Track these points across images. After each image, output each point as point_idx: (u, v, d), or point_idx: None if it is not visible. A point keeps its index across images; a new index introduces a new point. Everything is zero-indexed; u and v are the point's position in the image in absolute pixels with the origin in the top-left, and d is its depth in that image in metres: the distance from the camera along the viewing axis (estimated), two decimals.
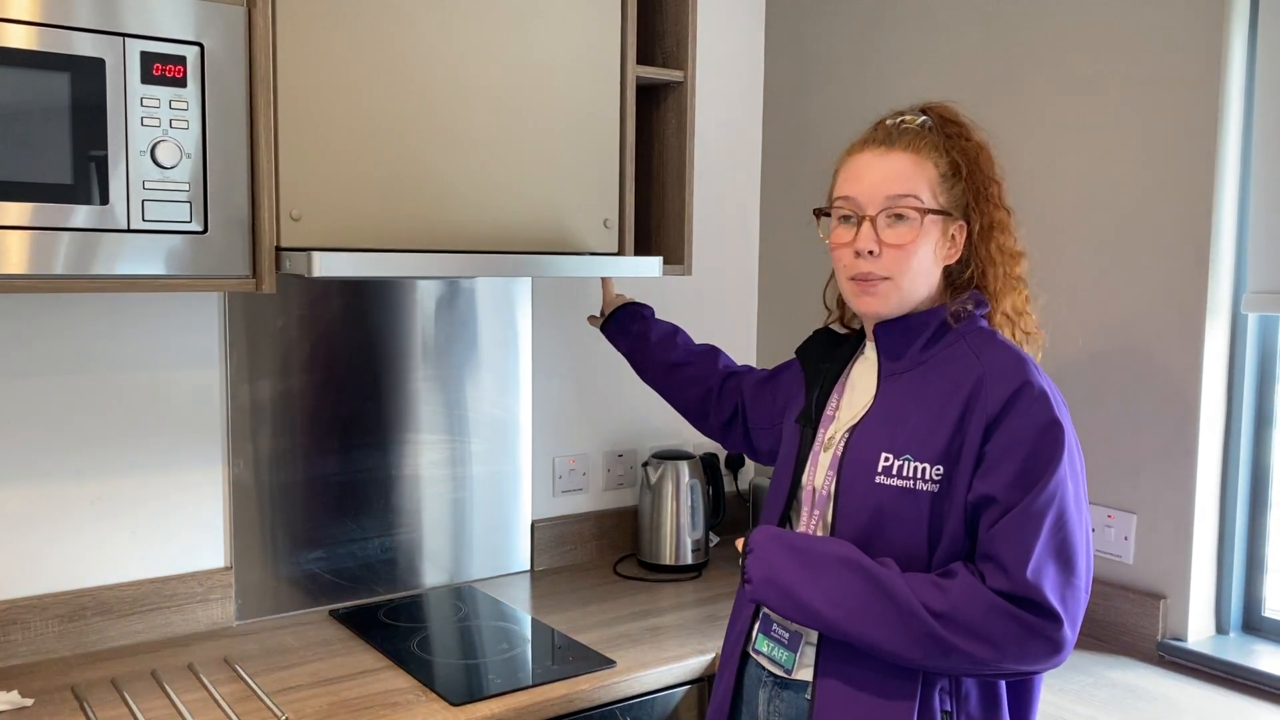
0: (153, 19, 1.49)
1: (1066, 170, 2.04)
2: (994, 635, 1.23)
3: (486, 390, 2.26)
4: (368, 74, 1.69)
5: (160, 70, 1.50)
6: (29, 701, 1.63)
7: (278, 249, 1.63)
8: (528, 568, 2.35)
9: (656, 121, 2.13)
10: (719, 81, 2.58)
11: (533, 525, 2.35)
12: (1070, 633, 1.25)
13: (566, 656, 1.84)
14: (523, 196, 1.86)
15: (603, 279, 2.02)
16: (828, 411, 1.47)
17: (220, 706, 1.62)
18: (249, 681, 1.71)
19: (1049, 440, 1.27)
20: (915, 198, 1.34)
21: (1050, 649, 1.24)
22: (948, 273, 1.41)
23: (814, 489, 1.42)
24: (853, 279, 1.39)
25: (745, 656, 1.49)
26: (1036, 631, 1.23)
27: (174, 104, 1.51)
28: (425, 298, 2.17)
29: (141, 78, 1.48)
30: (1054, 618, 1.23)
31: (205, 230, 1.55)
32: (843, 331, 1.56)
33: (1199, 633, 1.92)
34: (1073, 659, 1.90)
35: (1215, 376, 1.88)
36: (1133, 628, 1.95)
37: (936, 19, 2.26)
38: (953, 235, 1.38)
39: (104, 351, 1.84)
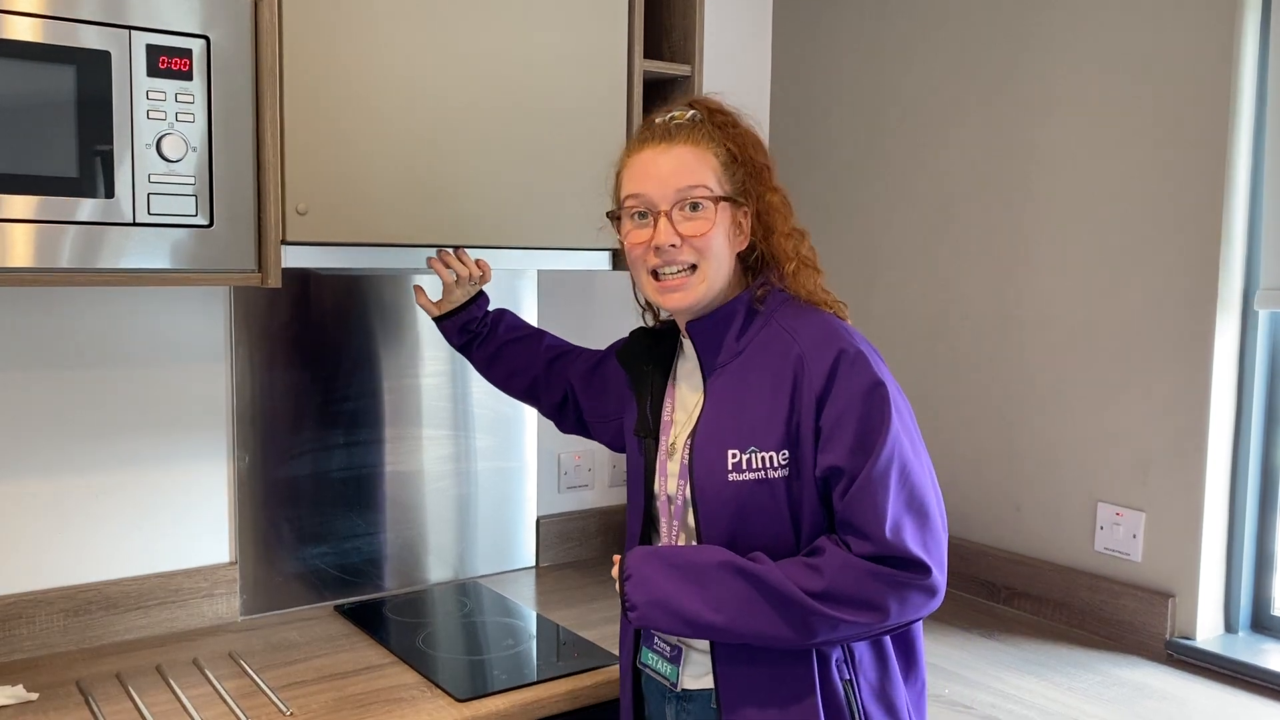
0: (158, 12, 1.48)
1: (1076, 166, 2.03)
2: (874, 599, 1.26)
3: (491, 386, 2.25)
4: (374, 68, 1.68)
5: (166, 63, 1.49)
6: (34, 696, 1.62)
7: (283, 243, 1.62)
8: (533, 564, 2.35)
9: None
10: (726, 76, 2.57)
11: (538, 521, 2.35)
12: (940, 576, 1.29)
13: (572, 653, 1.83)
14: (529, 191, 1.85)
15: (445, 284, 1.80)
16: (664, 417, 1.46)
17: (225, 702, 1.62)
18: (254, 677, 1.71)
19: (876, 401, 1.29)
20: (705, 186, 1.36)
21: (926, 595, 1.28)
22: (741, 260, 1.42)
23: (668, 498, 1.43)
24: (653, 275, 1.38)
25: (638, 672, 1.50)
26: (911, 585, 1.27)
27: (180, 97, 1.51)
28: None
29: (147, 70, 1.48)
30: (922, 568, 1.27)
31: (211, 224, 1.55)
32: (659, 327, 1.54)
33: (1208, 631, 1.91)
34: (1080, 657, 1.90)
35: (1225, 374, 1.87)
36: (1141, 626, 1.94)
37: (945, 14, 2.25)
38: (739, 222, 1.40)
39: (109, 345, 1.84)
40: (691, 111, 1.41)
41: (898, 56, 2.35)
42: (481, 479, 2.26)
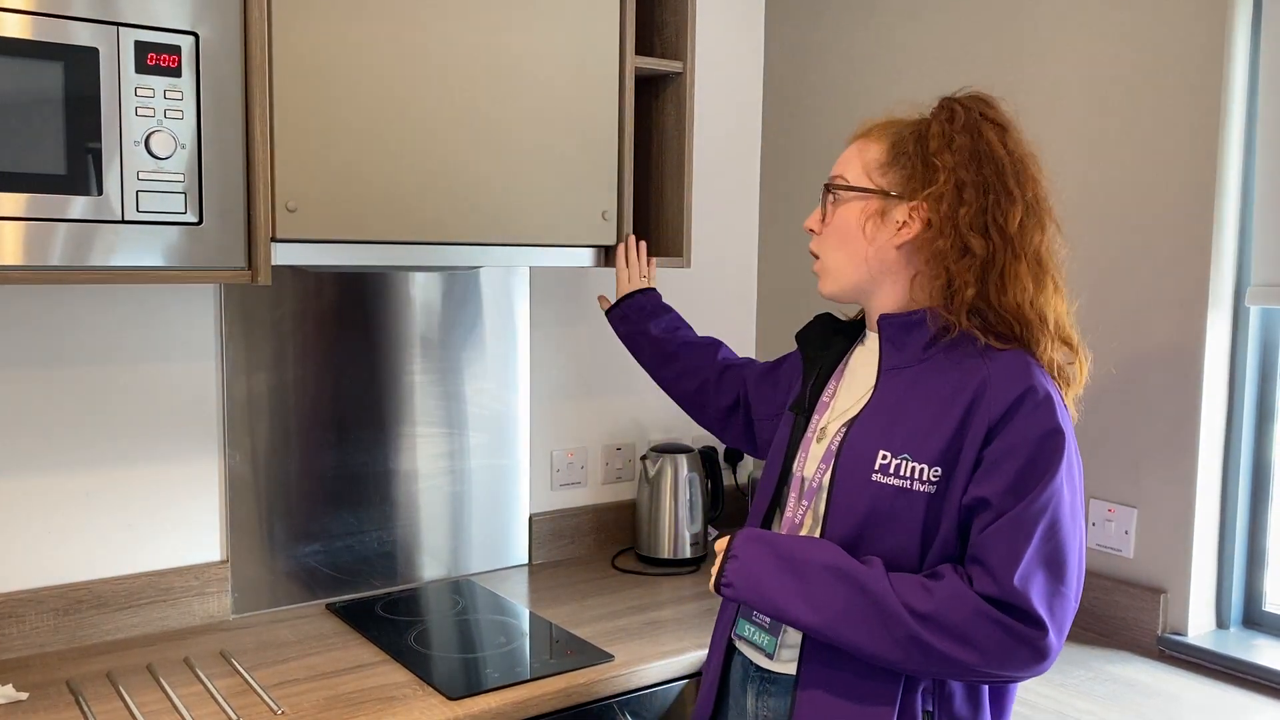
0: (147, 8, 1.47)
1: (1068, 163, 2.03)
2: (977, 640, 1.21)
3: (485, 383, 2.25)
4: (364, 64, 1.68)
5: (155, 60, 1.48)
6: (24, 695, 1.62)
7: (273, 240, 1.62)
8: (526, 561, 2.34)
9: (655, 113, 2.12)
10: (719, 72, 2.57)
11: (531, 519, 2.34)
12: (1056, 641, 1.23)
13: (564, 650, 1.83)
14: (520, 188, 1.85)
15: (617, 271, 1.97)
16: (823, 399, 1.45)
17: (216, 700, 1.61)
18: (245, 675, 1.70)
19: (1049, 448, 1.25)
20: (841, 177, 1.39)
21: (1034, 656, 1.22)
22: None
23: (803, 478, 1.41)
24: None
25: (730, 650, 1.48)
26: (1021, 638, 1.21)
27: (168, 94, 1.50)
28: (423, 290, 2.16)
29: (136, 67, 1.47)
30: (1039, 625, 1.21)
31: (200, 221, 1.54)
32: (843, 319, 1.55)
33: (1199, 627, 1.91)
34: (1072, 653, 1.90)
35: (1217, 370, 1.88)
36: (1133, 622, 1.94)
37: (939, 9, 2.25)
38: (908, 218, 1.33)
39: (99, 344, 1.83)
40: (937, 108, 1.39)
41: (890, 52, 2.35)
42: (474, 476, 2.26)
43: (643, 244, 1.99)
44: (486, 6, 1.78)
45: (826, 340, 1.51)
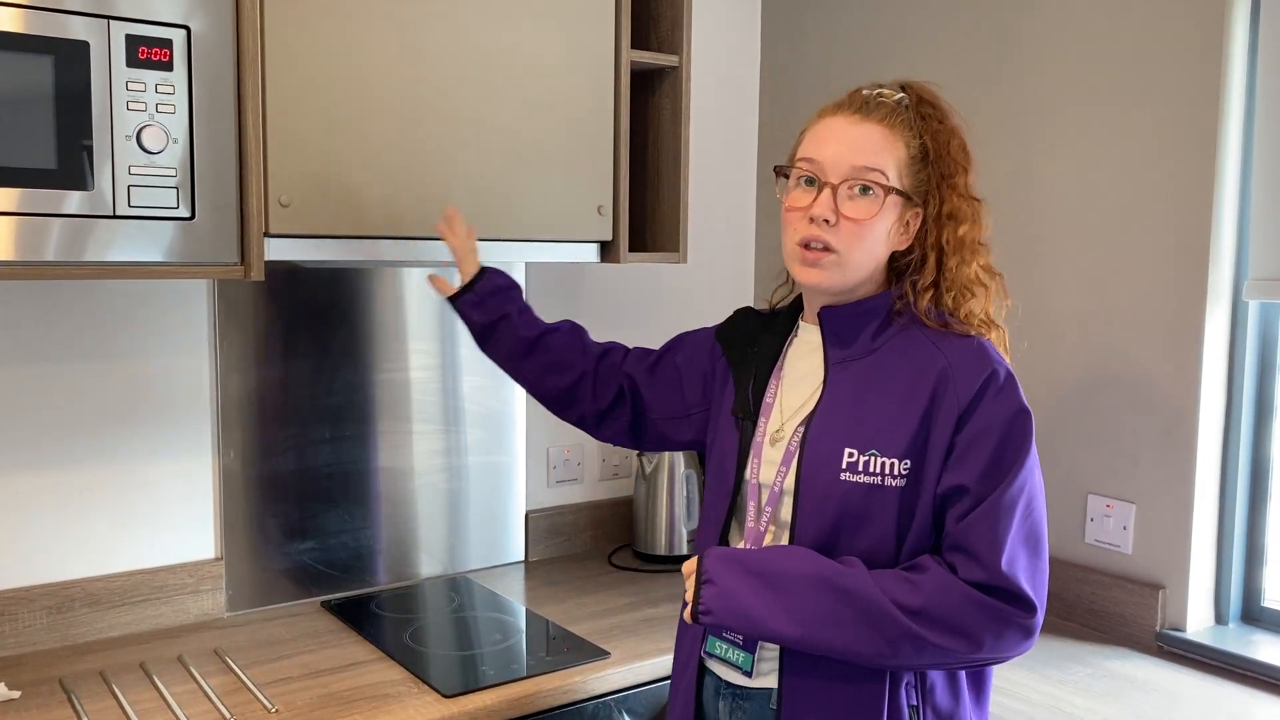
0: (139, 1, 1.46)
1: (1067, 158, 2.03)
2: (969, 627, 1.21)
3: (481, 380, 2.24)
4: (357, 58, 1.67)
5: (146, 54, 1.47)
6: (16, 694, 1.61)
7: (266, 235, 1.61)
8: (522, 558, 2.34)
9: (651, 108, 2.11)
10: (715, 66, 2.56)
11: (527, 516, 2.34)
12: (1041, 615, 1.25)
13: (561, 647, 1.82)
14: (515, 183, 1.84)
15: (454, 249, 1.68)
16: (765, 399, 1.40)
17: (210, 699, 1.60)
18: (239, 673, 1.70)
19: (1018, 428, 1.25)
20: (882, 173, 1.29)
21: (1024, 635, 1.24)
22: (893, 259, 1.35)
23: (759, 484, 1.36)
24: (801, 245, 1.31)
25: (701, 667, 1.42)
26: (1012, 620, 1.22)
27: (160, 88, 1.49)
28: (419, 285, 2.14)
29: (127, 61, 1.46)
30: (1027, 605, 1.22)
31: (193, 216, 1.53)
32: (767, 310, 1.50)
33: (1198, 623, 1.91)
34: (1071, 649, 1.90)
35: (1215, 365, 1.87)
36: (1131, 618, 1.94)
37: (936, 5, 2.24)
38: (907, 222, 1.33)
39: (91, 340, 1.82)
40: (900, 95, 1.35)
41: (888, 46, 2.34)
42: (471, 473, 2.25)
43: (457, 213, 1.70)
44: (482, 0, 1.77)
45: (752, 338, 1.46)
